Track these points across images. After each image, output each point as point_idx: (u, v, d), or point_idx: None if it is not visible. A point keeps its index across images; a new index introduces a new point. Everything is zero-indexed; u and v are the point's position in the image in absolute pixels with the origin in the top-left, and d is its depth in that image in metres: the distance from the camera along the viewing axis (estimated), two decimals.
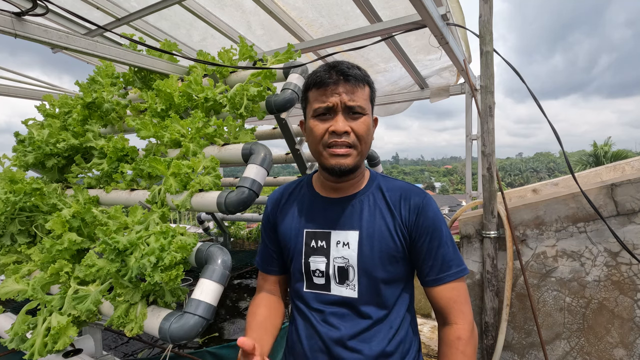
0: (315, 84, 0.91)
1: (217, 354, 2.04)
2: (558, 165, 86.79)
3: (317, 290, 0.98)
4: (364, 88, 0.91)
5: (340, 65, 0.90)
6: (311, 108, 0.93)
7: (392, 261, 0.94)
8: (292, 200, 1.07)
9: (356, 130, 0.89)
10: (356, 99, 0.89)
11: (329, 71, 0.90)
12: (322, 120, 0.91)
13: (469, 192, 3.25)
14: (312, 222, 1.00)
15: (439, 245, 0.94)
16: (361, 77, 0.91)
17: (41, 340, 1.20)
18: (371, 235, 0.94)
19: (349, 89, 0.89)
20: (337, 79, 0.89)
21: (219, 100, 1.70)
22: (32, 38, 1.39)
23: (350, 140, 0.89)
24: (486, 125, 1.76)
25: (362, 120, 0.90)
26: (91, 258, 1.27)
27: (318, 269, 0.97)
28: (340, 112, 0.89)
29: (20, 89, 2.72)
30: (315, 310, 0.97)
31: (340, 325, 0.93)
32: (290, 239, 1.02)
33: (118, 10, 2.70)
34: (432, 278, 0.94)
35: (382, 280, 0.94)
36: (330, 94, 0.89)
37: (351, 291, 0.94)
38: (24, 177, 1.78)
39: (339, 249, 0.95)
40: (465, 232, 1.87)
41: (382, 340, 0.93)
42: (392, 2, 2.29)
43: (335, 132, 0.88)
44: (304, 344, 0.97)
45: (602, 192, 1.58)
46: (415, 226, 0.94)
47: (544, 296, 1.70)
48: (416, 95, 3.41)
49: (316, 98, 0.91)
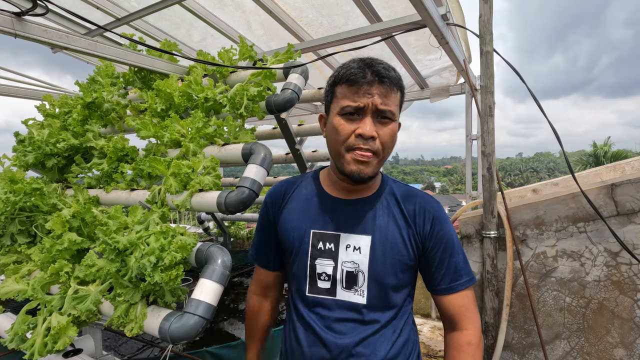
0: (348, 80, 0.84)
1: (217, 354, 2.04)
2: (558, 165, 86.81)
3: (321, 295, 0.94)
4: (397, 93, 0.87)
5: (376, 65, 0.84)
6: (338, 104, 0.87)
7: (403, 269, 0.93)
8: (296, 197, 1.02)
9: (382, 136, 0.85)
10: (389, 103, 0.84)
11: (364, 69, 0.84)
12: (349, 120, 0.85)
13: (469, 192, 3.25)
14: (320, 223, 0.96)
15: (452, 255, 0.94)
16: (396, 81, 0.86)
17: (41, 340, 1.20)
18: (384, 242, 0.92)
19: (382, 92, 0.83)
20: (372, 79, 0.83)
21: (219, 100, 1.70)
22: (32, 38, 1.39)
23: (374, 147, 0.85)
24: (486, 125, 1.76)
25: (390, 126, 0.86)
26: (91, 258, 1.27)
27: (325, 272, 0.93)
28: (369, 114, 0.84)
29: (20, 89, 2.72)
30: (317, 315, 0.94)
31: (346, 331, 0.91)
32: (294, 239, 0.97)
33: (118, 10, 2.70)
34: (444, 287, 0.95)
35: (392, 287, 0.93)
36: (362, 94, 0.83)
37: (359, 297, 0.91)
38: (24, 177, 1.78)
39: (349, 253, 0.92)
40: (465, 232, 1.87)
41: (386, 345, 0.92)
42: (392, 2, 2.29)
43: (362, 135, 0.83)
44: (305, 350, 0.94)
45: (602, 192, 1.58)
46: (430, 236, 0.94)
47: (544, 296, 1.70)
48: (416, 95, 3.41)
49: (346, 95, 0.85)
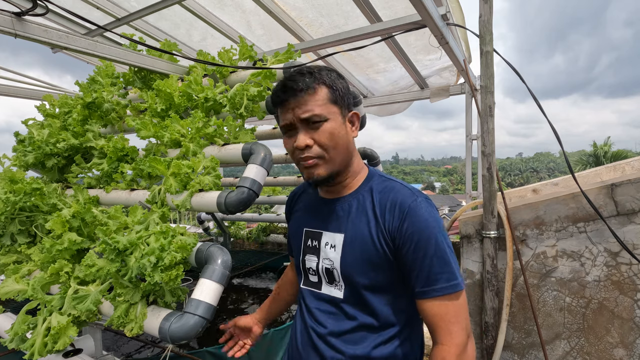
0: (274, 104, 0.92)
1: (217, 354, 2.04)
2: (558, 165, 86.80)
3: (311, 288, 1.02)
4: (317, 93, 0.86)
5: (289, 80, 0.88)
6: (280, 126, 0.94)
7: (373, 267, 0.90)
8: (302, 199, 1.14)
9: (318, 140, 0.87)
10: (309, 108, 0.86)
11: (283, 87, 0.88)
12: (290, 136, 0.91)
13: (469, 192, 3.25)
14: (310, 222, 1.04)
15: (425, 255, 0.84)
16: (309, 84, 0.86)
17: (41, 340, 1.20)
18: (353, 240, 0.92)
19: (300, 102, 0.86)
20: (287, 95, 0.87)
21: (219, 100, 1.70)
22: (32, 38, 1.39)
23: (313, 153, 0.88)
24: (486, 125, 1.76)
25: (322, 128, 0.86)
26: (91, 258, 1.27)
27: (311, 267, 1.01)
28: (299, 126, 0.88)
29: (20, 89, 2.71)
30: (308, 306, 1.01)
31: (326, 322, 0.96)
32: (294, 236, 1.08)
33: (118, 10, 2.70)
34: (417, 290, 0.87)
35: (364, 286, 0.91)
36: (286, 111, 0.89)
37: (338, 291, 0.96)
38: (24, 177, 1.78)
39: (327, 251, 0.97)
40: (465, 232, 1.87)
41: (367, 345, 0.91)
42: (392, 2, 2.29)
43: (297, 148, 0.88)
44: (298, 338, 1.02)
45: (602, 192, 1.58)
46: (398, 232, 0.86)
47: (544, 296, 1.70)
48: (416, 95, 3.41)
49: (279, 116, 0.92)
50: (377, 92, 3.70)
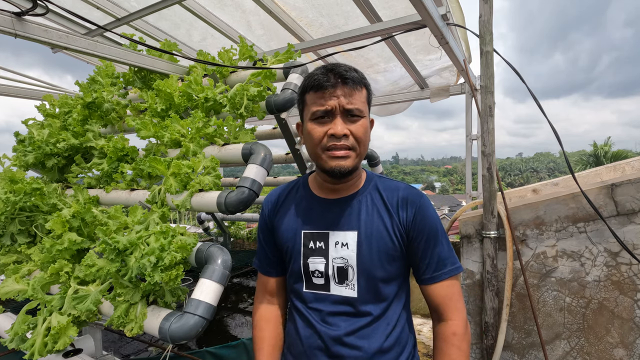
0: (313, 87, 0.91)
1: (217, 354, 2.05)
2: (558, 165, 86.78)
3: (316, 290, 0.99)
4: (361, 91, 0.92)
5: (337, 68, 0.91)
6: (309, 111, 0.93)
7: (390, 260, 0.96)
8: (288, 202, 1.08)
9: (355, 132, 0.90)
10: (354, 101, 0.90)
11: (327, 74, 0.90)
12: (321, 123, 0.91)
13: (469, 192, 3.25)
14: (309, 224, 1.02)
15: (435, 244, 0.96)
16: (359, 80, 0.91)
17: (41, 340, 1.20)
18: (369, 236, 0.96)
19: (347, 92, 0.89)
20: (335, 82, 0.89)
21: (219, 100, 1.70)
22: (32, 38, 1.39)
23: (349, 143, 0.90)
24: (486, 125, 1.76)
25: (360, 122, 0.91)
26: (91, 258, 1.27)
27: (317, 269, 0.98)
28: (338, 115, 0.90)
29: (21, 89, 2.72)
30: (314, 309, 0.99)
31: (339, 323, 0.95)
32: (288, 241, 1.03)
33: (118, 10, 2.70)
34: (428, 276, 0.97)
35: (381, 279, 0.96)
36: (328, 97, 0.89)
37: (350, 291, 0.96)
38: (24, 177, 1.78)
39: (338, 250, 0.97)
40: (465, 232, 1.87)
41: (380, 336, 0.94)
42: (392, 2, 2.29)
43: (334, 135, 0.89)
44: (304, 343, 0.99)
45: (602, 192, 1.58)
46: (412, 226, 0.96)
47: (544, 296, 1.70)
48: (416, 95, 3.41)
49: (314, 101, 0.92)
50: (377, 92, 3.70)
